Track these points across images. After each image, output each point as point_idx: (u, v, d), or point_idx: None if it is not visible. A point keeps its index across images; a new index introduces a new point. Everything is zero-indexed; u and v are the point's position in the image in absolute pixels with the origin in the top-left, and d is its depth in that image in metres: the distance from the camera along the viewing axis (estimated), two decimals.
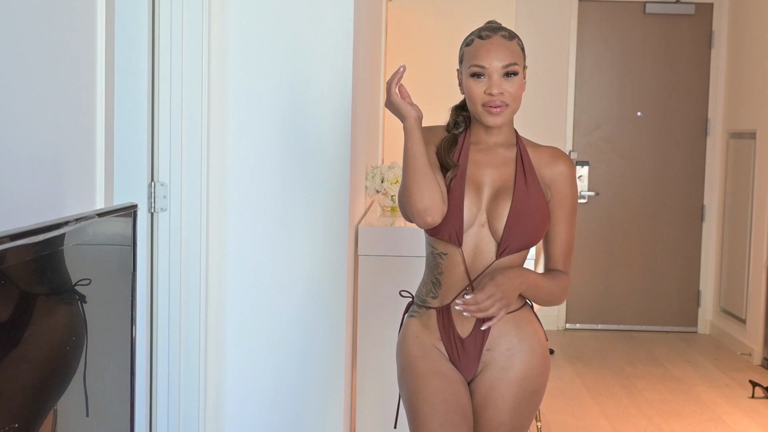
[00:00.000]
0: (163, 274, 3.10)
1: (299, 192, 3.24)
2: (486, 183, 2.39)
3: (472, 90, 2.35)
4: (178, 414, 3.15)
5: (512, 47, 2.36)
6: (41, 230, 1.48)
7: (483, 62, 2.33)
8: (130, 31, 2.95)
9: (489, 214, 2.37)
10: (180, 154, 3.09)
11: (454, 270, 2.38)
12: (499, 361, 2.39)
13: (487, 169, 2.40)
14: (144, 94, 3.00)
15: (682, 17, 6.91)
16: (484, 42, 2.35)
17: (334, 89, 3.23)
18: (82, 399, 1.74)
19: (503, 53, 2.34)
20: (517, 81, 2.35)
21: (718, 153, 6.93)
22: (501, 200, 2.37)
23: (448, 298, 2.40)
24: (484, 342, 2.39)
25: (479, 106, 2.35)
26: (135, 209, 1.90)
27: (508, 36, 2.37)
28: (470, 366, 2.41)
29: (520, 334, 2.40)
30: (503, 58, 2.33)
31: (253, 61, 3.20)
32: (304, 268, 3.27)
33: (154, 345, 3.12)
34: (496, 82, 2.33)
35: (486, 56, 2.34)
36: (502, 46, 2.35)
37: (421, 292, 2.48)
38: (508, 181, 2.39)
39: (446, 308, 2.40)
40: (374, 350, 3.75)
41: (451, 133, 2.45)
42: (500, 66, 2.33)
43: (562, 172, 2.40)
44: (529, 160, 2.40)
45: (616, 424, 4.77)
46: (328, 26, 3.21)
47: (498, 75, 2.33)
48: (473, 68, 2.35)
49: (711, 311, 7.01)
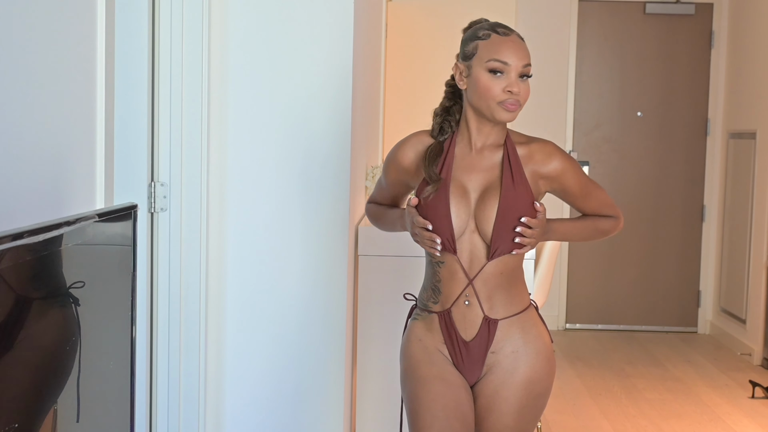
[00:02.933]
0: (163, 274, 3.10)
1: (299, 192, 3.24)
2: (473, 189, 2.36)
3: (490, 86, 2.29)
4: (178, 414, 3.15)
5: (527, 49, 2.34)
6: (41, 230, 1.48)
7: (507, 59, 2.28)
8: (130, 31, 2.95)
9: (477, 219, 2.33)
10: (180, 154, 3.09)
11: (451, 278, 2.35)
12: (503, 364, 2.36)
13: (473, 173, 2.36)
14: (144, 94, 3.00)
15: (682, 17, 6.91)
16: (504, 39, 2.31)
17: (334, 89, 3.23)
18: (82, 399, 1.74)
19: (523, 52, 2.31)
20: (528, 83, 2.33)
21: (718, 153, 6.93)
22: (488, 203, 2.33)
23: (449, 303, 2.37)
24: (488, 345, 2.36)
25: (494, 102, 2.30)
26: (135, 209, 1.90)
27: (521, 38, 2.35)
28: (474, 369, 2.38)
29: (525, 337, 2.37)
30: (524, 57, 2.30)
31: (253, 61, 3.20)
32: (304, 268, 3.26)
33: (154, 345, 3.12)
34: (515, 81, 2.29)
35: (510, 54, 2.28)
36: (521, 45, 2.32)
37: (423, 296, 2.45)
38: (494, 182, 2.34)
39: (447, 312, 2.37)
40: (374, 350, 3.75)
41: (437, 140, 2.41)
42: (521, 65, 2.29)
43: (557, 168, 2.37)
44: (517, 159, 2.35)
45: (616, 424, 4.76)
46: (328, 26, 3.21)
47: (516, 74, 2.29)
48: (494, 63, 2.28)
49: (711, 311, 7.01)
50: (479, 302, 2.34)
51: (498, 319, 2.35)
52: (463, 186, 2.35)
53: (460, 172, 2.36)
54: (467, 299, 2.35)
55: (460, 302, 2.35)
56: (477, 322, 2.35)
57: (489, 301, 2.35)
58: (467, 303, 2.35)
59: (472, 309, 2.35)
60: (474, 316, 2.35)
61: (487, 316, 2.35)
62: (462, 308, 2.35)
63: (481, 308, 2.35)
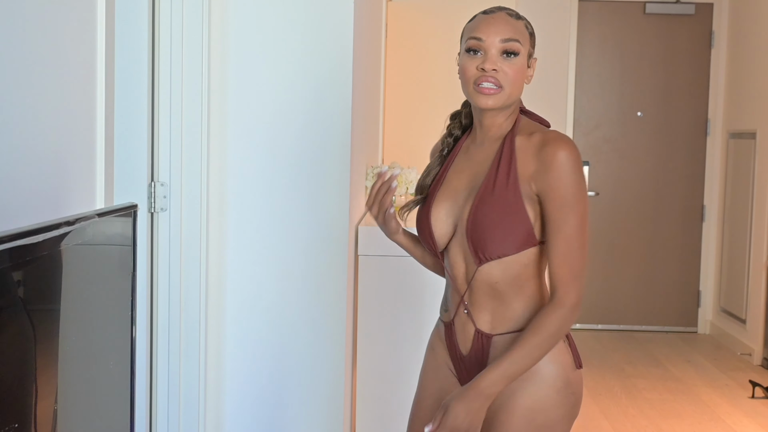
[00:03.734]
0: (163, 274, 3.10)
1: (299, 192, 3.24)
2: (464, 187, 2.14)
3: (465, 66, 2.07)
4: (178, 414, 3.15)
5: (517, 25, 2.08)
6: (41, 230, 1.48)
7: (480, 34, 2.06)
8: (130, 31, 2.95)
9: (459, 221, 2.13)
10: (180, 154, 3.09)
11: (452, 284, 2.18)
12: None
13: (468, 170, 2.15)
14: (144, 94, 3.00)
15: (682, 17, 6.91)
16: (485, 16, 2.10)
17: (334, 89, 3.23)
18: (82, 399, 1.74)
19: (504, 27, 2.06)
20: (517, 62, 2.05)
21: (718, 153, 6.93)
22: (468, 203, 2.11)
23: (453, 313, 2.18)
24: (483, 361, 2.12)
25: (471, 85, 2.06)
26: (135, 209, 1.90)
27: (515, 15, 2.10)
28: None
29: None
30: (503, 32, 2.05)
31: (253, 61, 3.20)
32: (304, 268, 3.26)
33: (154, 345, 3.12)
34: (492, 58, 2.04)
35: (485, 29, 2.06)
36: (504, 20, 2.07)
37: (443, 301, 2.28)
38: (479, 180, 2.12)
39: (451, 323, 2.19)
40: (374, 351, 3.75)
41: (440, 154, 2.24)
42: (498, 40, 2.05)
43: (545, 160, 2.01)
44: (510, 152, 2.07)
45: (616, 424, 4.76)
46: (328, 26, 3.21)
47: (496, 51, 2.05)
48: (469, 41, 2.07)
49: (711, 311, 7.01)
50: (475, 314, 2.12)
51: (492, 335, 2.10)
52: (454, 184, 2.16)
53: (456, 168, 2.18)
54: (466, 309, 2.14)
55: (460, 311, 2.15)
56: (472, 335, 2.14)
57: (482, 313, 2.11)
58: (466, 311, 2.14)
59: (469, 321, 2.14)
60: (470, 329, 2.14)
61: (479, 330, 2.12)
62: (462, 319, 2.15)
63: (472, 321, 2.13)
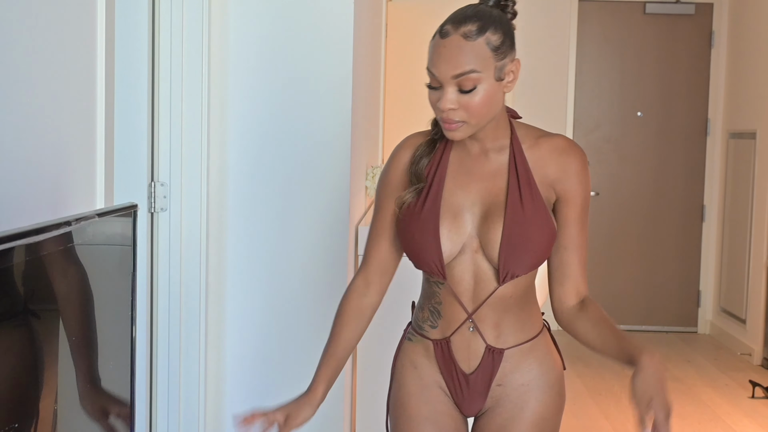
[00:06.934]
0: (163, 274, 3.10)
1: (299, 192, 3.24)
2: (473, 202, 2.00)
3: (431, 100, 1.93)
4: (178, 414, 3.15)
5: (473, 49, 1.86)
6: (41, 230, 1.48)
7: (433, 69, 1.90)
8: (130, 31, 2.95)
9: (481, 239, 1.99)
10: (180, 154, 3.09)
11: (453, 300, 2.03)
12: (512, 397, 2.08)
13: (473, 183, 2.01)
14: (144, 94, 3.00)
15: (682, 17, 6.91)
16: (438, 42, 1.90)
17: (334, 89, 3.23)
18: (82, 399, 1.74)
19: (456, 60, 1.85)
20: (477, 94, 1.87)
21: (718, 153, 6.93)
22: (492, 221, 1.98)
23: (450, 331, 2.06)
24: (492, 377, 2.06)
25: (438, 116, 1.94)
26: (135, 209, 1.90)
27: (476, 31, 1.86)
28: (475, 402, 2.10)
29: (539, 368, 2.10)
30: (454, 67, 1.85)
31: (253, 60, 3.20)
32: (304, 268, 3.26)
33: (154, 345, 3.12)
34: (448, 95, 1.88)
35: (437, 62, 1.88)
36: (457, 49, 1.86)
37: (418, 317, 2.13)
38: (499, 195, 1.99)
39: (447, 342, 2.06)
40: (374, 351, 3.75)
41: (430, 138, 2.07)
42: (450, 77, 1.87)
43: (567, 169, 1.98)
44: (524, 163, 1.99)
45: (616, 424, 4.76)
46: (328, 26, 3.21)
47: (452, 88, 1.88)
48: (428, 72, 1.93)
49: (711, 311, 7.01)
50: (483, 330, 2.04)
51: (504, 349, 2.05)
52: (457, 202, 2.01)
53: (455, 182, 2.02)
54: (472, 326, 2.04)
55: (464, 329, 2.05)
56: (479, 353, 2.05)
57: (497, 329, 2.05)
58: (471, 329, 2.05)
59: (476, 337, 2.05)
60: (478, 346, 2.05)
61: (490, 346, 2.05)
62: (466, 336, 2.05)
63: (482, 337, 2.04)
